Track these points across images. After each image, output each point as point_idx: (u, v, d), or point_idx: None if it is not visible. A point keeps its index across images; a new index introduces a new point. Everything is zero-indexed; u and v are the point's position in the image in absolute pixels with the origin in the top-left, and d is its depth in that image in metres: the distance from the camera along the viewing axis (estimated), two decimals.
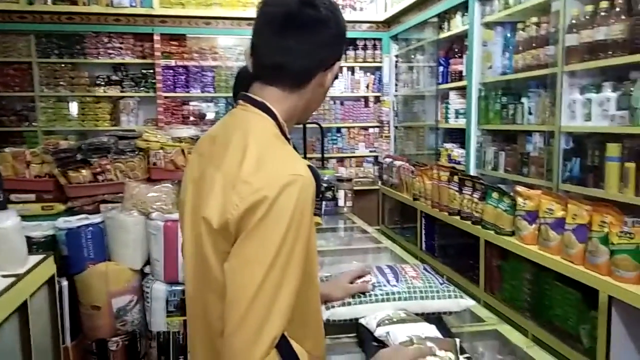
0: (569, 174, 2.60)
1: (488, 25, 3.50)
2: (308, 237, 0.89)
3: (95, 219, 2.40)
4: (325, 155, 5.47)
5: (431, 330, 1.28)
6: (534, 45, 2.91)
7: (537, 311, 2.28)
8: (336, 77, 1.11)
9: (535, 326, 2.27)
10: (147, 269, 2.44)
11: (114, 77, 5.12)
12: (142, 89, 5.16)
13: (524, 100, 3.07)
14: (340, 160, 5.70)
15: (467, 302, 1.47)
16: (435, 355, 1.10)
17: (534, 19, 2.94)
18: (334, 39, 1.00)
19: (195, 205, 0.96)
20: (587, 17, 2.44)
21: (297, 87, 1.00)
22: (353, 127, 5.70)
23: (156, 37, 5.01)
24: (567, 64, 2.58)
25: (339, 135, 5.68)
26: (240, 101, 1.01)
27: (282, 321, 0.85)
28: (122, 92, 5.12)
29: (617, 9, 2.26)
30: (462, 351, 1.22)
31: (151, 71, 5.12)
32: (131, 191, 2.46)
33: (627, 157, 2.24)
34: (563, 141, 2.63)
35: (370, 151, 5.73)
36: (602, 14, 2.33)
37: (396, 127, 5.61)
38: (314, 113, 1.17)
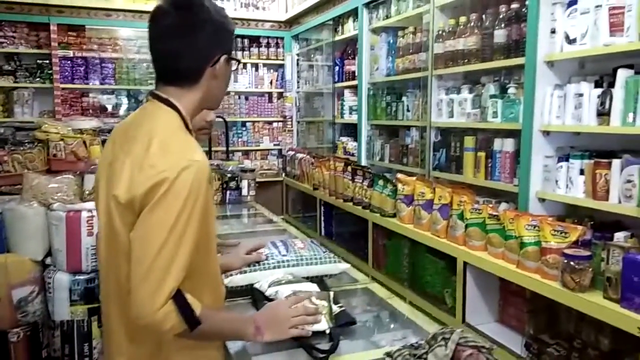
0: (437, 162, 3.02)
1: (375, 31, 3.87)
2: (205, 211, 1.09)
3: None
4: (231, 149, 5.60)
5: (313, 288, 1.55)
6: (410, 51, 3.32)
7: (413, 281, 2.64)
8: (238, 62, 1.27)
9: (412, 294, 2.62)
10: (48, 260, 2.46)
11: (7, 67, 4.86)
12: (37, 79, 4.94)
13: (404, 99, 3.47)
14: (246, 153, 5.85)
15: (344, 266, 1.77)
16: (312, 302, 1.37)
17: (411, 28, 3.34)
18: (212, 37, 1.16)
19: (108, 184, 1.14)
20: (450, 29, 2.86)
21: (190, 84, 1.17)
22: (258, 122, 5.87)
23: (53, 27, 4.82)
24: (436, 69, 2.99)
25: (244, 129, 5.82)
26: (150, 97, 1.19)
27: (178, 277, 1.04)
28: (15, 82, 4.87)
29: (472, 24, 2.69)
30: (336, 302, 1.50)
31: (47, 62, 4.92)
32: (30, 182, 2.45)
33: (479, 148, 2.69)
34: (433, 135, 3.05)
35: (275, 144, 5.93)
36: (461, 27, 2.76)
37: (298, 122, 5.88)
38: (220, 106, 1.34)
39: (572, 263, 1.72)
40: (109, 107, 5.25)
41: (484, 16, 2.64)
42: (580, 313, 1.72)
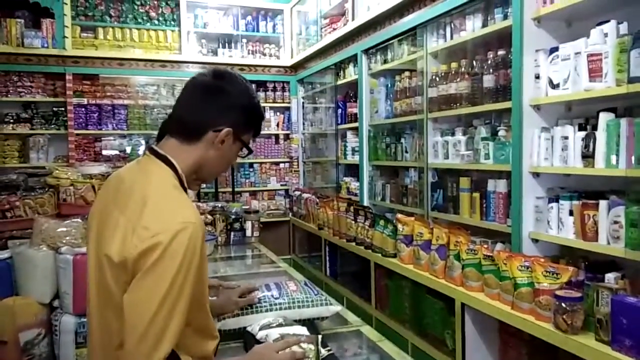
0: (435, 202, 3.06)
1: (374, 76, 3.99)
2: (199, 273, 1.11)
3: (3, 254, 2.43)
4: (239, 189, 5.70)
5: (302, 331, 1.58)
6: (407, 95, 3.42)
7: (414, 322, 2.63)
8: (249, 152, 1.30)
9: (413, 335, 2.60)
10: (56, 303, 2.52)
11: (24, 115, 5.05)
12: (52, 126, 5.11)
13: (402, 140, 3.54)
14: (253, 194, 5.92)
15: (336, 308, 1.79)
16: (300, 346, 1.40)
17: (407, 73, 3.45)
18: (226, 107, 1.22)
19: (99, 238, 1.16)
20: (442, 74, 2.96)
21: (190, 140, 1.21)
22: (265, 163, 5.98)
23: (68, 77, 5.02)
24: (430, 112, 3.08)
25: (251, 170, 5.93)
26: (147, 152, 1.23)
27: (171, 342, 1.06)
28: (31, 129, 5.04)
29: (462, 69, 2.79)
30: (325, 345, 1.52)
31: (62, 109, 5.09)
32: (40, 227, 2.52)
33: (474, 188, 2.72)
34: (430, 175, 3.10)
35: (282, 185, 6.01)
36: (453, 72, 2.86)
37: (304, 162, 5.98)
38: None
39: (563, 304, 1.72)
40: (121, 152, 5.38)
41: (473, 62, 2.74)
42: (574, 355, 1.71)
